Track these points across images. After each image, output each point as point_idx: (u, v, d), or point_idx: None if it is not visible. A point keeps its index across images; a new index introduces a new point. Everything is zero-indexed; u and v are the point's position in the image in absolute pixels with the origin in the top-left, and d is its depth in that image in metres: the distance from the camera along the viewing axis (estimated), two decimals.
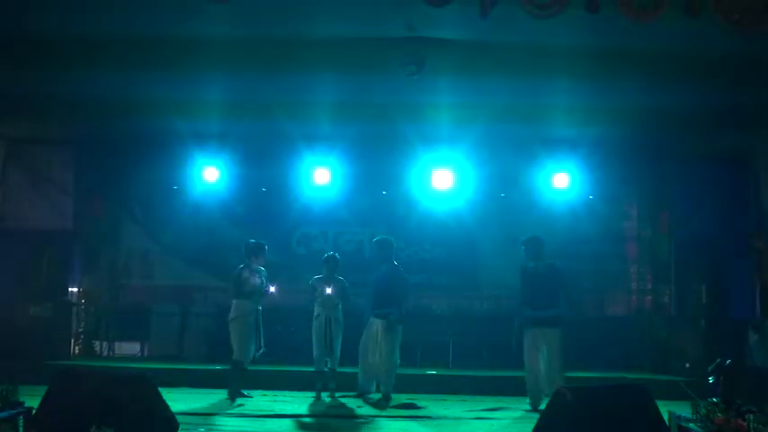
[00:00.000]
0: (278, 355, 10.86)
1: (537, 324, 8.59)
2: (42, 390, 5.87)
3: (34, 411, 5.82)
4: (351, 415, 8.44)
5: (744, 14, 5.81)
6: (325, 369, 9.25)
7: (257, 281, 9.06)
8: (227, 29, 7.78)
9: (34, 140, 11.61)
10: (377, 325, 9.20)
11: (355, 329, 9.45)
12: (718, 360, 6.69)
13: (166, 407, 5.92)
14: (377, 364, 9.20)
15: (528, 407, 8.69)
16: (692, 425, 5.96)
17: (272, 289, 9.14)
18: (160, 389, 5.97)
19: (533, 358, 8.60)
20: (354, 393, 9.42)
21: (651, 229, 12.73)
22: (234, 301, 9.08)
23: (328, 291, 9.14)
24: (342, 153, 11.55)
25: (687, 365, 10.82)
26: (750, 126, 10.51)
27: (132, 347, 12.45)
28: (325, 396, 9.25)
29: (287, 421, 7.87)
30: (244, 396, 9.09)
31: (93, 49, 8.19)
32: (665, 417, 6.12)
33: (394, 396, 9.20)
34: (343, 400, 9.24)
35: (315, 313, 9.28)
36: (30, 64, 8.47)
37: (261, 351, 9.11)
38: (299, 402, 9.04)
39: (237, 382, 9.02)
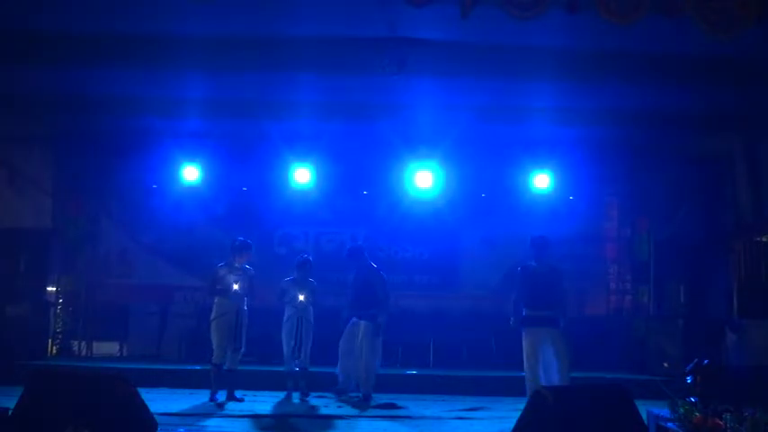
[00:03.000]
0: (258, 355, 10.84)
1: (537, 323, 8.46)
2: (19, 391, 5.80)
3: (10, 412, 5.76)
4: (331, 415, 8.42)
5: (720, 17, 5.86)
6: (296, 369, 9.22)
7: (232, 279, 8.91)
8: (209, 27, 7.77)
9: (11, 138, 11.47)
10: (360, 326, 9.21)
11: (330, 329, 9.46)
12: (696, 360, 6.73)
13: (145, 407, 5.87)
14: (357, 364, 9.19)
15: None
16: (670, 424, 6.00)
17: (236, 287, 8.92)
18: (139, 389, 5.93)
19: (533, 357, 8.43)
20: (334, 392, 9.40)
21: (631, 230, 12.81)
22: (215, 300, 9.00)
23: (301, 298, 9.12)
24: (323, 153, 11.53)
25: (665, 365, 10.89)
26: (729, 128, 10.62)
27: (111, 347, 12.35)
28: (296, 396, 9.20)
29: (266, 421, 7.85)
30: (236, 399, 8.96)
31: (72, 45, 8.14)
32: (644, 416, 6.15)
33: (374, 396, 9.19)
34: (322, 399, 9.22)
35: (286, 315, 9.24)
36: (7, 60, 8.38)
37: (241, 351, 8.97)
38: (278, 403, 9.01)
39: (215, 383, 8.91)
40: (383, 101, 9.76)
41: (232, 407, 8.60)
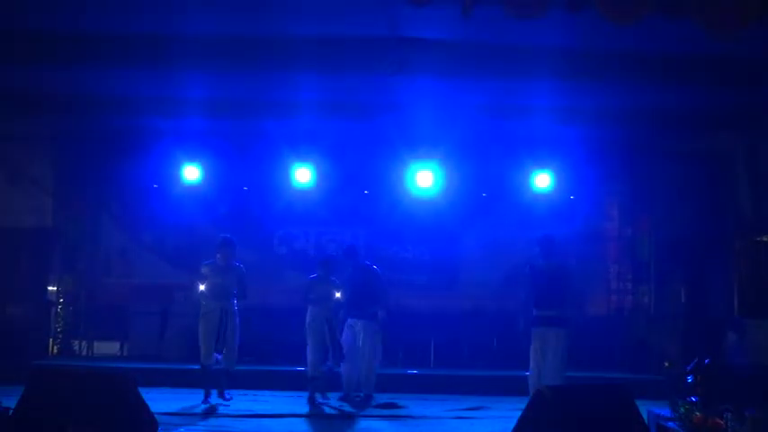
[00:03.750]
0: (258, 354, 10.85)
1: (545, 324, 8.39)
2: (19, 390, 5.80)
3: (11, 412, 5.76)
4: (331, 414, 8.44)
5: (721, 17, 5.85)
6: (324, 369, 9.16)
7: (205, 279, 8.85)
8: (209, 27, 7.76)
9: (12, 137, 11.47)
10: (358, 326, 9.20)
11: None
12: (697, 359, 6.73)
13: (146, 407, 5.88)
14: (359, 365, 9.18)
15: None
16: (670, 423, 6.01)
17: (202, 287, 8.89)
18: (139, 389, 5.93)
19: (539, 358, 8.36)
20: (340, 395, 9.35)
21: (632, 230, 12.80)
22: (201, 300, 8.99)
23: (337, 295, 9.14)
24: (323, 152, 11.52)
25: (666, 364, 10.88)
26: (730, 127, 10.60)
27: (111, 347, 12.34)
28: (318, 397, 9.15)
29: (266, 421, 7.86)
30: (224, 398, 8.92)
31: (72, 45, 8.12)
32: (645, 415, 6.16)
33: (375, 395, 9.19)
34: (323, 400, 9.21)
35: (310, 315, 9.10)
36: (7, 60, 8.38)
37: (232, 351, 8.82)
38: (279, 402, 9.01)
39: (206, 383, 8.84)
40: (384, 100, 9.76)
41: (232, 407, 8.59)
